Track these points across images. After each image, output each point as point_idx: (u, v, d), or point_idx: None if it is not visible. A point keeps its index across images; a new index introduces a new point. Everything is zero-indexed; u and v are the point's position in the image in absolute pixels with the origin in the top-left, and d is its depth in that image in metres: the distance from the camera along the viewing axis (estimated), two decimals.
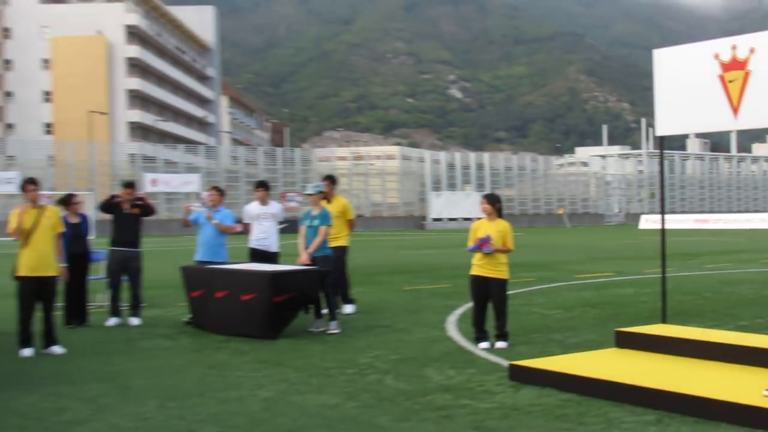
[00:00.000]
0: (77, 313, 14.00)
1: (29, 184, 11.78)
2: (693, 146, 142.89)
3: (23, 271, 11.42)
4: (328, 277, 13.35)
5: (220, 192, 14.59)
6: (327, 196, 15.05)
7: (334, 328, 13.04)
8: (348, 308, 15.37)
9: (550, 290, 19.23)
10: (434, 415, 7.93)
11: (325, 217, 13.83)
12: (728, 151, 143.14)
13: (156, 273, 23.04)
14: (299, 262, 13.70)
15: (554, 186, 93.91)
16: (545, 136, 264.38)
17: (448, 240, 48.43)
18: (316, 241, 13.68)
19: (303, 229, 14.01)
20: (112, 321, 14.01)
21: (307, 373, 9.91)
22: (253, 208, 14.95)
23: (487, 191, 49.84)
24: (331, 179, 15.48)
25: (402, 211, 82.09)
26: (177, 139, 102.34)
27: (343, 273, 15.36)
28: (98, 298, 16.46)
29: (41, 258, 11.48)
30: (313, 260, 13.67)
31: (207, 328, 13.16)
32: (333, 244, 14.81)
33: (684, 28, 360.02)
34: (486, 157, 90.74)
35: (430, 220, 78.38)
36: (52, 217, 11.76)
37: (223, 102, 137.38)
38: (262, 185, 15.05)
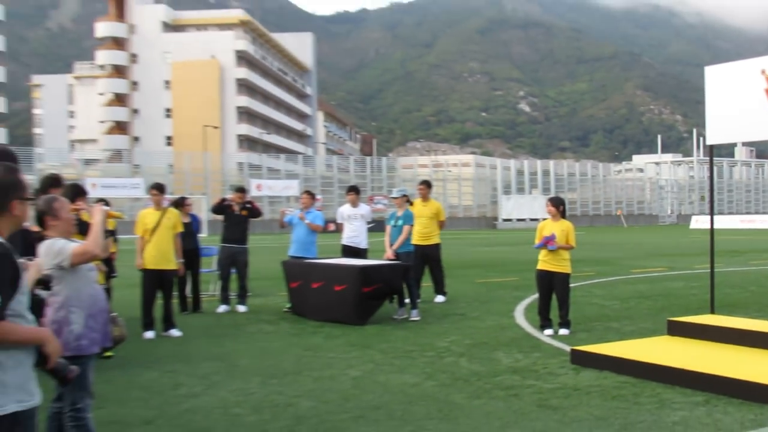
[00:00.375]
0: (192, 300, 14.21)
1: (154, 189, 12.05)
2: (740, 154, 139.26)
3: (147, 265, 11.65)
4: (410, 271, 13.38)
5: (311, 195, 14.65)
6: (423, 197, 15.37)
7: (415, 316, 13.08)
8: (439, 298, 15.38)
9: (608, 283, 18.96)
10: (503, 393, 7.87)
11: (408, 218, 13.92)
12: None
13: (260, 266, 23.30)
14: (385, 257, 13.79)
15: (612, 190, 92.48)
16: (605, 146, 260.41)
17: (517, 238, 48.05)
18: (400, 239, 13.77)
19: (388, 228, 14.14)
20: (222, 308, 14.20)
21: (391, 355, 9.92)
22: (345, 209, 14.98)
23: (552, 195, 49.20)
24: (427, 184, 15.61)
25: (476, 212, 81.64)
26: (279, 150, 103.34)
27: (439, 266, 15.48)
28: (210, 289, 16.73)
29: (162, 254, 11.72)
30: (397, 256, 13.74)
31: (304, 314, 13.25)
32: (429, 242, 15.14)
33: (733, 47, 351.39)
34: (551, 164, 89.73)
35: (500, 221, 77.78)
36: (173, 218, 12.01)
37: (320, 117, 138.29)
38: (353, 190, 15.08)
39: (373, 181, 77.69)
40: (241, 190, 14.78)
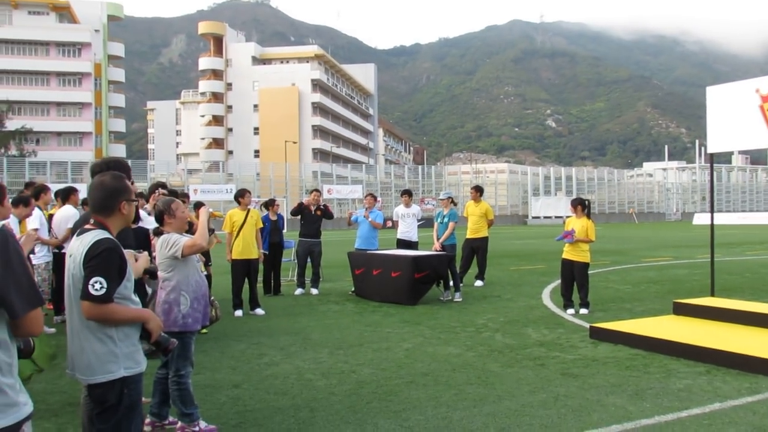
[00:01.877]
0: (274, 284, 14.27)
1: (243, 192, 12.15)
2: (736, 160, 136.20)
3: (236, 255, 11.73)
4: (453, 260, 13.30)
5: (374, 198, 14.60)
6: (474, 200, 15.28)
7: (458, 298, 13.03)
8: (479, 282, 15.28)
9: (622, 270, 18.64)
10: (532, 363, 7.76)
11: (452, 216, 13.91)
12: (765, 163, 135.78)
13: (330, 257, 23.38)
14: (433, 249, 13.74)
15: (626, 192, 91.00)
16: (619, 155, 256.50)
17: (544, 233, 47.56)
18: (446, 233, 13.78)
19: (436, 225, 14.15)
20: (299, 291, 14.21)
21: (438, 330, 9.86)
22: (400, 209, 14.89)
23: (574, 196, 48.50)
24: (477, 188, 15.47)
25: (509, 211, 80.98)
26: (346, 160, 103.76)
27: (485, 255, 15.37)
28: (289, 275, 16.82)
29: (247, 246, 11.80)
30: (443, 248, 13.68)
31: (366, 296, 13.23)
32: (478, 235, 15.09)
33: (731, 69, 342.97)
34: (573, 170, 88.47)
35: (530, 218, 77.03)
36: (255, 216, 12.10)
37: (380, 133, 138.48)
38: (406, 193, 14.99)
39: (424, 186, 77.48)
40: (316, 190, 14.81)
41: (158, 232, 5.88)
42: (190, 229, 6.62)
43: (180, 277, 5.65)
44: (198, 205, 6.79)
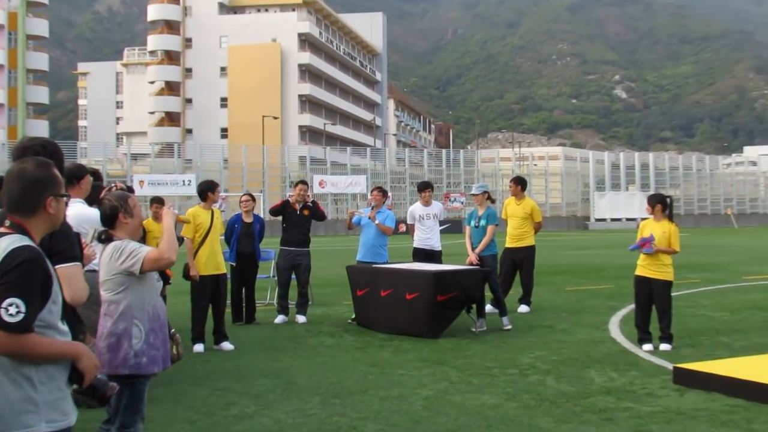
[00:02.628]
0: (246, 309, 14.28)
1: (213, 186, 12.19)
2: None
3: (202, 270, 11.76)
4: (490, 276, 13.30)
5: (383, 193, 14.59)
6: (515, 196, 15.32)
7: (506, 324, 13.18)
8: (523, 308, 15.26)
9: (717, 292, 18.59)
10: (596, 417, 7.74)
11: (491, 217, 13.89)
12: None
13: (322, 272, 23.39)
14: (468, 262, 13.75)
15: (721, 186, 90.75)
16: (712, 136, 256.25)
17: (612, 240, 47.50)
18: (484, 241, 13.78)
19: (468, 229, 14.10)
20: (279, 319, 14.23)
21: (468, 372, 9.84)
22: (417, 209, 14.86)
23: (652, 192, 48.39)
24: (519, 181, 15.43)
25: (565, 211, 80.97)
26: (345, 142, 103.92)
27: (531, 272, 15.40)
28: (267, 297, 16.85)
29: (215, 256, 11.84)
30: (481, 260, 13.66)
31: (370, 326, 13.25)
32: (522, 243, 15.17)
33: None
34: (651, 157, 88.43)
35: (593, 221, 77.05)
36: (220, 218, 12.16)
37: (390, 105, 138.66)
38: (427, 186, 14.98)
39: (450, 177, 77.61)
40: (302, 182, 14.70)
41: (105, 238, 5.80)
42: (144, 237, 6.64)
43: (133, 300, 5.60)
44: (156, 203, 6.80)
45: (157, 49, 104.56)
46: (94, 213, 6.22)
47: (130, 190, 10.40)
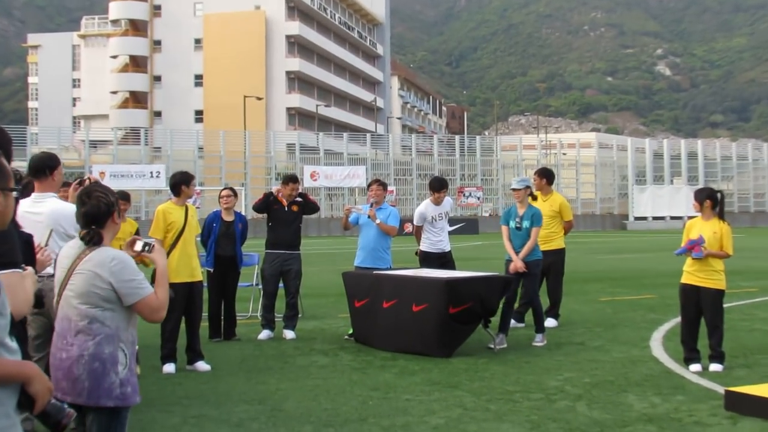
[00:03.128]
0: (225, 323, 14.29)
1: (188, 178, 12.19)
2: None
3: (174, 277, 11.73)
4: (534, 284, 13.36)
5: (382, 186, 14.57)
6: (540, 191, 15.28)
7: (539, 341, 13.24)
8: (550, 322, 15.22)
9: None
10: None
11: (536, 217, 13.63)
12: None
13: (315, 279, 23.39)
14: (512, 269, 13.59)
15: None
16: None
17: (654, 242, 47.48)
18: (528, 246, 13.55)
19: (506, 230, 13.90)
20: (265, 334, 14.25)
21: (485, 397, 9.85)
22: (429, 210, 14.80)
23: (700, 186, 48.44)
24: (545, 173, 15.42)
25: (599, 208, 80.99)
26: (341, 127, 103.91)
27: (560, 279, 15.38)
28: (249, 308, 16.86)
29: (189, 261, 11.84)
30: (527, 266, 13.53)
31: (371, 343, 13.27)
32: (550, 246, 15.10)
33: None
34: (699, 144, 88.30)
35: (631, 219, 77.06)
36: (195, 216, 12.15)
37: (394, 84, 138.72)
38: (439, 185, 14.90)
39: (464, 168, 77.59)
40: (292, 179, 14.62)
41: (95, 239, 5.71)
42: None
43: (121, 319, 5.59)
44: (120, 198, 6.70)
45: (121, 18, 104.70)
46: (72, 209, 6.20)
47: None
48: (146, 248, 5.69)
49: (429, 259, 14.75)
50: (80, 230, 5.68)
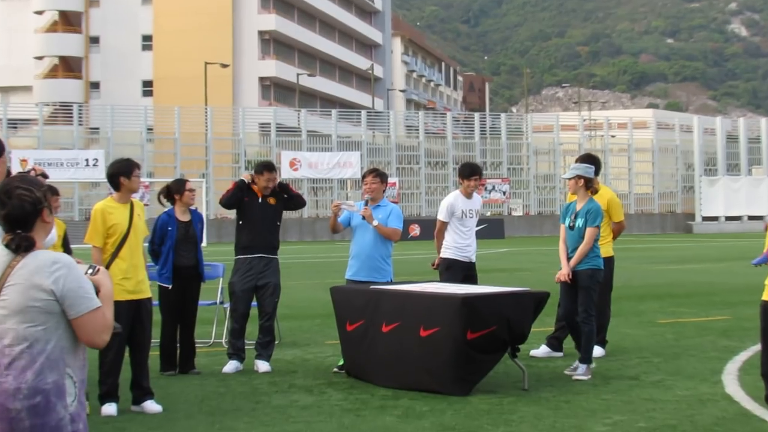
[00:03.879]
0: (182, 353, 14.29)
1: (130, 167, 12.14)
2: None
3: (116, 294, 11.69)
4: (589, 301, 13.38)
5: (380, 177, 14.48)
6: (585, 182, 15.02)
7: (582, 374, 13.27)
8: (597, 350, 15.19)
9: None
10: None
11: (592, 214, 13.51)
12: None
13: (295, 296, 23.41)
14: (557, 279, 13.60)
15: None
16: None
17: (727, 249, 47.54)
18: (581, 250, 13.52)
19: (562, 230, 13.87)
20: (232, 366, 14.24)
21: None
22: (459, 202, 14.85)
23: None
24: (589, 162, 15.28)
25: (657, 205, 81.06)
26: (329, 102, 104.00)
27: (607, 297, 15.31)
28: (212, 334, 16.88)
29: (138, 273, 11.81)
30: (574, 276, 13.52)
31: (367, 377, 13.28)
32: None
33: None
34: None
35: (699, 220, 77.18)
36: (142, 214, 12.11)
37: (396, 47, 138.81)
38: (475, 172, 14.89)
39: (486, 154, 77.69)
40: (267, 167, 14.51)
41: (25, 245, 5.70)
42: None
43: (66, 341, 5.56)
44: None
45: None
46: None
47: (45, 176, 10.46)
48: (90, 271, 5.69)
49: (453, 269, 14.75)
50: (4, 236, 5.65)
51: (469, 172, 14.91)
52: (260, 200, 14.24)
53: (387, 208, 14.35)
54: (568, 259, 13.75)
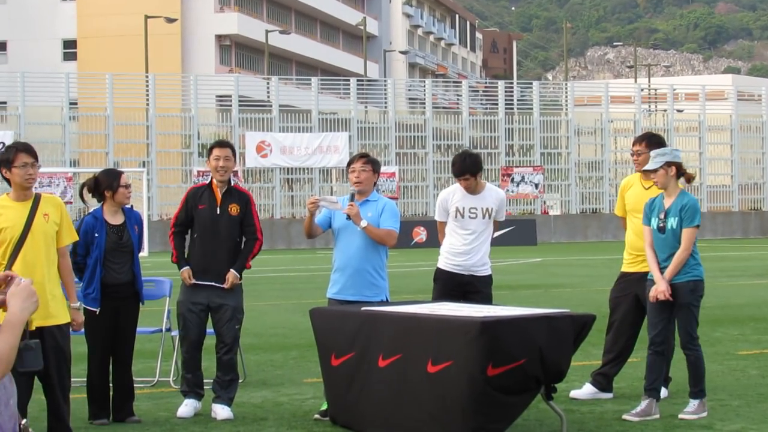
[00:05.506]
0: (116, 396, 14.30)
1: (22, 153, 12.15)
2: None
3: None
4: (689, 320, 13.55)
5: (371, 164, 14.41)
6: (643, 172, 15.13)
7: (692, 411, 13.57)
8: (663, 392, 15.29)
9: None
10: None
11: (689, 212, 13.48)
12: None
13: (264, 321, 23.48)
14: (653, 296, 13.58)
15: None
16: None
17: None
18: (678, 257, 13.55)
19: (648, 232, 13.86)
20: (189, 407, 14.28)
21: None
22: (454, 197, 14.94)
23: None
24: (651, 142, 15.32)
25: (737, 201, 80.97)
26: (307, 67, 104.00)
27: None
28: (156, 369, 16.92)
29: (47, 291, 11.85)
30: (673, 291, 13.52)
31: (357, 425, 13.32)
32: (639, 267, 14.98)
33: None
34: None
35: None
36: (55, 213, 12.12)
37: None
38: (466, 169, 14.96)
39: (512, 135, 77.66)
40: (224, 144, 14.64)
41: None
42: None
43: None
44: None
45: None
46: None
47: None
48: None
49: (442, 284, 14.87)
50: None
51: (458, 172, 14.91)
52: (218, 210, 14.18)
53: (378, 203, 14.31)
54: (661, 269, 13.69)
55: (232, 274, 14.00)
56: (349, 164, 14.57)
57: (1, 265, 11.70)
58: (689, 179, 14.00)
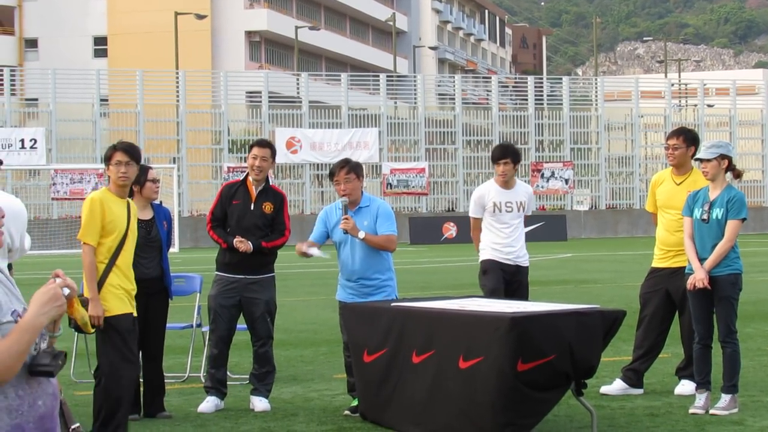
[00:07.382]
0: (147, 391, 14.30)
1: (118, 152, 12.33)
2: None
3: (114, 307, 11.93)
4: (729, 313, 13.56)
5: (354, 172, 14.08)
6: (677, 164, 15.29)
7: (724, 406, 13.45)
8: (685, 386, 15.22)
9: None
10: None
11: (736, 204, 13.54)
12: None
13: (294, 317, 23.44)
14: (690, 285, 13.52)
15: None
16: None
17: None
18: (720, 249, 13.60)
19: (689, 223, 13.85)
20: (210, 404, 14.29)
21: None
22: (491, 192, 14.94)
23: None
24: (685, 135, 15.27)
25: (767, 194, 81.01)
26: (336, 63, 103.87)
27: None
28: (187, 364, 16.90)
29: (132, 282, 12.15)
30: (712, 283, 13.54)
31: (389, 421, 13.29)
32: (684, 261, 14.76)
33: None
34: None
35: None
36: (136, 215, 12.35)
37: None
38: (508, 152, 14.93)
39: (542, 131, 77.55)
40: (264, 144, 14.70)
41: None
42: None
43: None
44: None
45: None
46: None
47: None
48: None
49: (492, 273, 14.83)
50: None
51: (499, 155, 14.98)
52: (252, 206, 14.20)
53: (371, 208, 14.17)
54: (701, 260, 13.65)
55: (245, 242, 13.94)
56: (331, 175, 14.24)
57: (105, 257, 11.97)
58: (738, 175, 13.88)
